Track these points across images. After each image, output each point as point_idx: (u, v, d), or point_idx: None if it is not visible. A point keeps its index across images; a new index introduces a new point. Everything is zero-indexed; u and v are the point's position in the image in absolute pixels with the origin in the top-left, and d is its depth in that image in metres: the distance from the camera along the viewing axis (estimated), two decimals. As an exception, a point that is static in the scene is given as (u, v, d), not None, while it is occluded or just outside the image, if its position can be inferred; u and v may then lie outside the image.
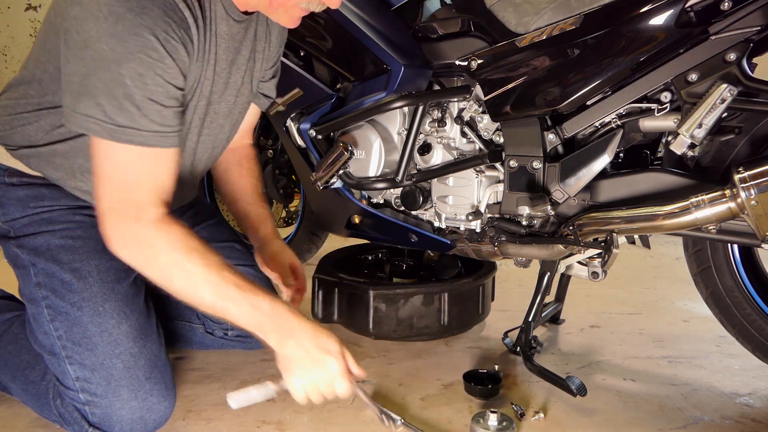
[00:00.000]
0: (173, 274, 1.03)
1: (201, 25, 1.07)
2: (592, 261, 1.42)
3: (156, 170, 1.05)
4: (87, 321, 1.14)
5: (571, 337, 1.70)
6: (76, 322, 1.14)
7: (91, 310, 1.15)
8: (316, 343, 1.05)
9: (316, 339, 1.05)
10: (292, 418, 1.24)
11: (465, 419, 1.24)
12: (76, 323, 1.14)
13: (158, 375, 1.17)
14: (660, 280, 2.29)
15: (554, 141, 1.37)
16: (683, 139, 1.18)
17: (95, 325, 1.14)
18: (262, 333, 1.06)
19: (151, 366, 1.17)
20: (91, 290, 1.15)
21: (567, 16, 1.29)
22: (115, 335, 1.15)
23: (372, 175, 1.59)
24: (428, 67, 1.51)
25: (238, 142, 1.48)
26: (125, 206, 1.02)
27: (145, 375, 1.15)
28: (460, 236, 1.53)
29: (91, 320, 1.14)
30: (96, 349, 1.13)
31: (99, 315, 1.15)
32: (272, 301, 1.05)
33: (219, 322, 1.49)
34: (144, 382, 1.15)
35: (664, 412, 1.29)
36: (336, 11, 1.53)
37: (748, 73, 1.16)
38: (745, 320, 1.33)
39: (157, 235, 1.03)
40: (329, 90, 1.65)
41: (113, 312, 1.15)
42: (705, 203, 1.16)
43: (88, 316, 1.14)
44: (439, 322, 1.60)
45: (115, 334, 1.15)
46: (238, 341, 1.54)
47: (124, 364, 1.14)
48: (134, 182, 1.03)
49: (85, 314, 1.14)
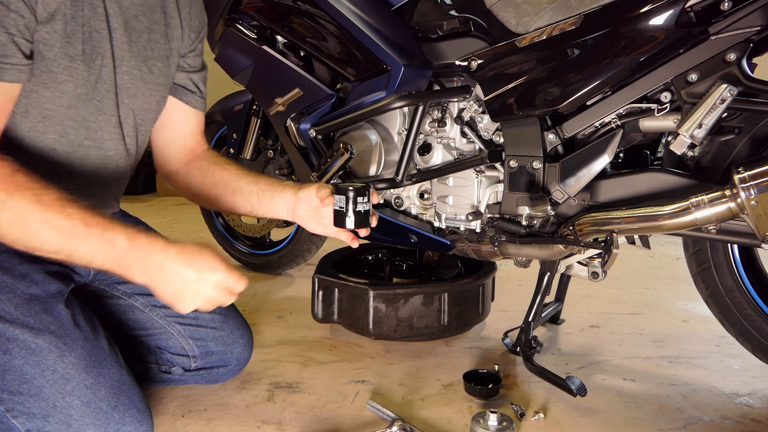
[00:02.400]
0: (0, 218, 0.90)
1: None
2: (592, 261, 1.42)
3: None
4: (20, 363, 0.97)
5: (571, 337, 1.70)
6: (7, 368, 0.97)
7: (21, 350, 0.98)
8: (191, 265, 0.97)
9: (188, 261, 0.97)
10: (292, 418, 1.24)
11: (465, 419, 1.24)
12: (8, 369, 0.97)
13: (126, 400, 1.04)
14: (660, 280, 2.29)
15: (554, 141, 1.37)
16: (683, 139, 1.18)
17: (32, 366, 0.98)
18: (124, 270, 0.96)
19: (115, 392, 1.03)
20: (15, 327, 0.99)
21: (567, 16, 1.29)
22: (60, 371, 0.99)
23: (372, 175, 1.60)
24: (428, 67, 1.51)
25: (197, 147, 1.37)
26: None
27: (110, 405, 1.01)
28: (460, 236, 1.53)
29: (25, 361, 0.98)
30: (42, 393, 0.97)
31: (33, 353, 0.98)
32: (130, 233, 0.95)
33: (178, 353, 1.31)
34: (111, 413, 1.01)
35: (664, 412, 1.29)
36: (336, 11, 1.53)
37: (748, 73, 1.16)
38: (745, 320, 1.33)
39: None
40: (329, 90, 1.65)
41: (50, 345, 0.99)
42: (705, 203, 1.16)
43: (20, 357, 0.98)
44: (439, 322, 1.60)
45: (60, 369, 0.99)
46: (200, 376, 1.34)
47: (82, 399, 0.99)
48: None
49: (16, 356, 0.98)
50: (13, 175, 0.91)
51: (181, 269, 0.97)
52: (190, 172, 1.36)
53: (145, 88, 1.20)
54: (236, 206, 1.33)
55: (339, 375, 1.44)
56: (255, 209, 1.32)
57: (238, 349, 1.34)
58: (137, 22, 1.16)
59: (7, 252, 1.05)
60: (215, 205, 1.35)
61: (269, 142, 2.12)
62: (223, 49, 1.85)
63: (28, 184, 0.91)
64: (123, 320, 1.29)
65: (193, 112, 1.35)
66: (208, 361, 1.32)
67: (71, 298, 1.11)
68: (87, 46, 1.07)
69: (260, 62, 1.75)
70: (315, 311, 1.66)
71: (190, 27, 1.29)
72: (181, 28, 1.27)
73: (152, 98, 1.24)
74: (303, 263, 2.26)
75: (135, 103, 1.20)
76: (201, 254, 0.99)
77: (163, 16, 1.23)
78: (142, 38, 1.18)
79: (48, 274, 1.09)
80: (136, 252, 0.95)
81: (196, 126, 1.37)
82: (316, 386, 1.38)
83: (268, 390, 1.36)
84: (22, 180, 0.91)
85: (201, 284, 0.98)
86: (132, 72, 1.17)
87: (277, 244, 2.27)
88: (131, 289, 1.28)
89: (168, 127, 1.34)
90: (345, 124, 1.60)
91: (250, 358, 1.38)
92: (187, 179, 1.36)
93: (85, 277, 1.24)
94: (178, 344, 1.30)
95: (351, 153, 1.58)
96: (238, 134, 2.11)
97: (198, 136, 1.38)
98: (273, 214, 1.31)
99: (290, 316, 1.85)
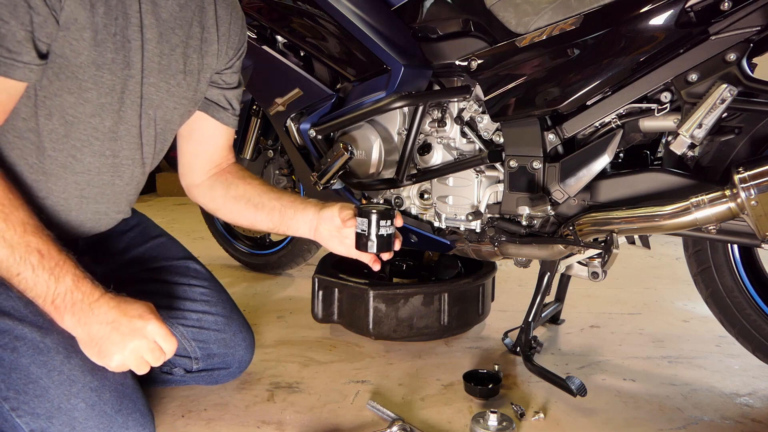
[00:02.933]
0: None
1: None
2: (592, 261, 1.42)
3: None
4: (27, 363, 0.98)
5: (571, 337, 1.70)
6: (14, 366, 0.97)
7: (29, 349, 0.98)
8: (123, 312, 0.96)
9: (122, 308, 0.96)
10: (292, 418, 1.24)
11: (465, 419, 1.24)
12: (14, 368, 0.97)
13: (129, 404, 1.04)
14: (660, 280, 2.29)
15: (554, 141, 1.37)
16: (683, 139, 1.18)
17: (38, 366, 0.98)
18: (54, 310, 0.94)
19: (119, 396, 1.03)
20: (24, 326, 0.99)
21: (567, 16, 1.29)
22: (66, 372, 0.99)
23: (372, 175, 1.60)
24: (428, 67, 1.51)
25: (224, 162, 1.37)
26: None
27: (113, 408, 1.01)
28: (460, 236, 1.53)
29: (32, 361, 0.98)
30: (47, 394, 0.97)
31: (41, 353, 0.98)
32: (78, 275, 0.95)
33: (181, 355, 1.30)
34: (115, 417, 1.01)
35: (664, 412, 1.29)
36: (336, 11, 1.53)
37: (748, 73, 1.16)
38: (745, 320, 1.33)
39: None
40: (329, 90, 1.65)
41: (58, 346, 0.99)
42: (705, 203, 1.16)
43: (27, 356, 0.98)
44: (439, 322, 1.60)
45: (66, 370, 0.99)
46: (202, 378, 1.35)
47: (86, 402, 0.99)
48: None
49: (23, 355, 0.98)
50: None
51: (112, 313, 0.96)
52: (213, 185, 1.35)
53: (170, 100, 1.19)
54: (257, 222, 1.32)
55: (339, 375, 1.44)
56: (276, 226, 1.31)
57: (240, 351, 1.34)
58: (173, 35, 1.14)
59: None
60: (236, 219, 1.35)
61: (269, 142, 2.12)
62: (223, 49, 1.85)
63: (2, 201, 0.92)
64: None
65: (224, 129, 1.34)
66: (210, 363, 1.32)
67: None
68: (117, 55, 1.06)
69: (260, 62, 1.75)
70: (315, 311, 1.66)
71: (228, 44, 1.27)
72: (218, 44, 1.24)
73: (176, 111, 1.22)
74: (303, 263, 2.26)
75: (158, 114, 1.19)
76: (137, 304, 0.98)
77: (201, 30, 1.19)
78: (175, 52, 1.15)
79: None
80: (75, 295, 0.95)
81: (225, 141, 1.36)
82: (316, 386, 1.38)
83: (268, 390, 1.36)
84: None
85: (129, 331, 0.96)
86: (158, 84, 1.15)
87: (277, 244, 2.28)
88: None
89: (197, 141, 1.34)
90: (345, 124, 1.60)
91: (251, 360, 1.38)
92: (210, 192, 1.36)
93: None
94: (181, 346, 1.30)
95: (351, 153, 1.58)
96: (238, 134, 2.11)
97: (226, 150, 1.37)
98: (294, 232, 1.31)
99: (290, 316, 1.85)
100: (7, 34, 0.92)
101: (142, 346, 0.97)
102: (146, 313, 0.98)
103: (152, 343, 0.98)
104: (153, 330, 0.98)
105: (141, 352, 0.97)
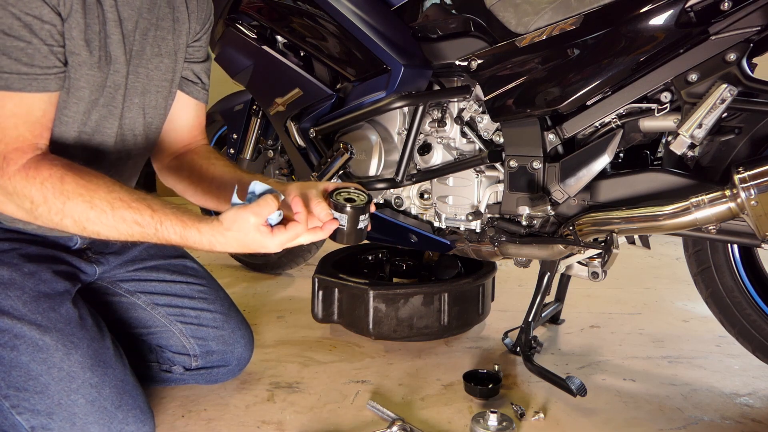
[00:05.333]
0: (65, 223, 0.95)
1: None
2: (592, 261, 1.42)
3: (25, 117, 0.96)
4: (27, 360, 0.99)
5: (571, 337, 1.70)
6: (14, 364, 0.99)
7: (28, 346, 0.99)
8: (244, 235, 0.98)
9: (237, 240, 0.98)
10: (292, 418, 1.24)
11: (465, 419, 1.24)
12: (14, 366, 0.99)
13: (129, 400, 1.05)
14: (660, 280, 2.29)
15: (554, 141, 1.37)
16: (683, 139, 1.18)
17: (38, 363, 0.99)
18: (198, 233, 0.98)
19: (119, 392, 1.04)
20: (23, 324, 1.00)
21: (567, 16, 1.29)
22: (66, 369, 1.00)
23: (372, 175, 1.60)
24: (428, 67, 1.51)
25: (193, 141, 1.34)
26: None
27: (114, 404, 1.02)
28: (460, 236, 1.53)
29: (31, 358, 0.99)
30: (47, 390, 0.98)
31: (40, 350, 1.00)
32: (185, 223, 0.99)
33: (179, 352, 1.31)
34: (115, 413, 1.02)
35: (664, 412, 1.29)
36: (336, 11, 1.53)
37: (748, 73, 1.16)
38: (745, 320, 1.33)
39: (27, 185, 0.93)
40: (329, 90, 1.65)
41: (57, 343, 1.01)
42: (705, 203, 1.16)
43: (27, 354, 0.99)
44: (439, 322, 1.60)
45: (66, 367, 1.00)
46: (201, 376, 1.34)
47: (86, 398, 1.00)
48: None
49: (23, 353, 0.99)
50: (62, 180, 0.94)
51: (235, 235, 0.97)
52: (180, 165, 1.32)
53: (150, 85, 1.19)
54: (221, 203, 1.26)
55: (339, 375, 1.44)
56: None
57: (239, 349, 1.34)
58: (143, 20, 1.14)
59: (15, 250, 1.06)
60: (202, 201, 1.30)
61: (269, 142, 2.12)
62: (223, 49, 1.85)
63: (79, 190, 0.94)
64: (125, 318, 1.29)
65: (194, 103, 1.31)
66: (209, 361, 1.32)
67: (78, 297, 1.12)
68: (103, 52, 1.07)
69: (260, 62, 1.75)
70: (315, 311, 1.65)
71: (197, 19, 1.26)
72: (188, 22, 1.24)
73: (159, 95, 1.22)
74: (303, 263, 2.26)
75: (144, 101, 1.19)
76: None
77: (171, 11, 1.19)
78: (148, 35, 1.15)
79: (55, 273, 1.10)
80: (200, 225, 0.98)
81: (195, 118, 1.33)
82: (316, 386, 1.38)
83: (268, 390, 1.36)
84: (70, 187, 0.94)
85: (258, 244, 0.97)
86: (137, 71, 1.15)
87: (277, 244, 2.27)
88: (134, 287, 1.29)
89: (167, 118, 1.30)
90: (345, 124, 1.60)
91: (250, 358, 1.38)
92: (177, 173, 1.32)
93: (91, 276, 1.24)
94: (180, 343, 1.30)
95: (351, 153, 1.58)
96: (238, 134, 2.11)
97: (195, 129, 1.34)
98: None
99: (290, 316, 1.85)
100: (34, 53, 0.95)
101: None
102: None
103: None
104: (277, 240, 0.98)
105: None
